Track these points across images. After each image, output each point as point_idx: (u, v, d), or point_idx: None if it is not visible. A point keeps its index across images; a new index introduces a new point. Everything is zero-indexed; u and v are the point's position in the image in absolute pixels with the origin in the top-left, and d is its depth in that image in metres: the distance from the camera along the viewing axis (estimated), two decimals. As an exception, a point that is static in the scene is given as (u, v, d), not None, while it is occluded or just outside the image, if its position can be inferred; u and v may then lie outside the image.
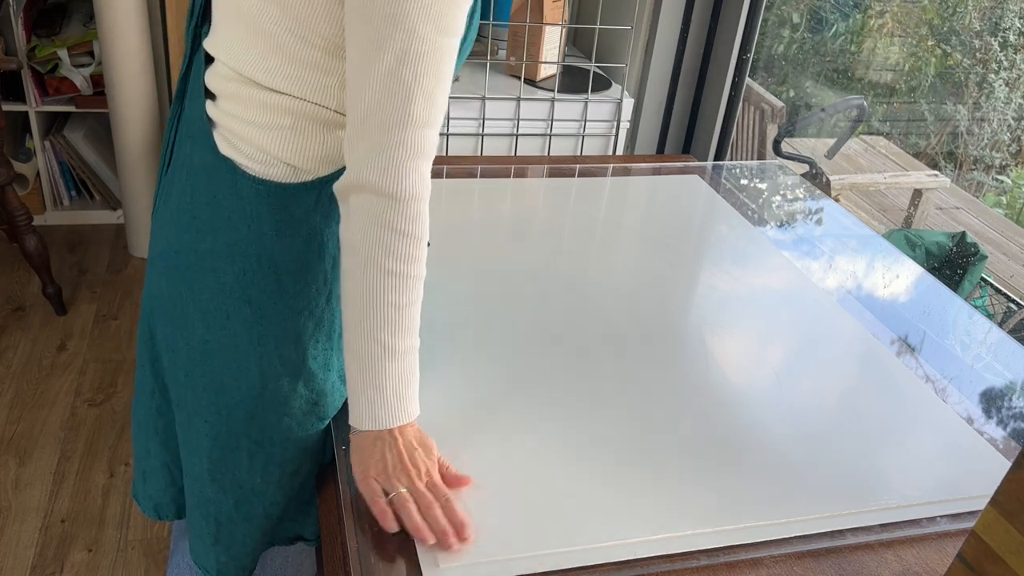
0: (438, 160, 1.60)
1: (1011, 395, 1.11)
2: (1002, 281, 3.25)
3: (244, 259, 0.84)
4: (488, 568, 0.77)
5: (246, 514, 0.97)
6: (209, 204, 0.84)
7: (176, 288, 0.88)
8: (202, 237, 0.85)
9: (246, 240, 0.84)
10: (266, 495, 0.96)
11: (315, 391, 0.91)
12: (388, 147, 0.74)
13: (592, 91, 1.75)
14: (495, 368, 1.02)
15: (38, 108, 2.60)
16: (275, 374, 0.88)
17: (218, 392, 0.90)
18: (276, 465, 0.94)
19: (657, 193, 1.55)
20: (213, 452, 0.93)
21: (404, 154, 0.74)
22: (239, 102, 0.82)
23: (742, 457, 0.93)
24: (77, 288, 2.54)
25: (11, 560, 1.68)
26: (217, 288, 0.86)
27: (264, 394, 0.89)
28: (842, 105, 3.14)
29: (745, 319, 1.19)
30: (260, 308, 0.86)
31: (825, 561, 0.82)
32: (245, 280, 0.85)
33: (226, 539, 0.98)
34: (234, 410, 0.90)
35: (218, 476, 0.94)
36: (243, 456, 0.93)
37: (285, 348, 0.87)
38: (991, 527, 0.63)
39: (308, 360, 0.89)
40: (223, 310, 0.86)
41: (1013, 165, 4.64)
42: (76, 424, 2.03)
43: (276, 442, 0.92)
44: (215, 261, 0.85)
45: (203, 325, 0.87)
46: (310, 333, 0.88)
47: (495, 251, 1.29)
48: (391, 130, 0.74)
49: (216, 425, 0.91)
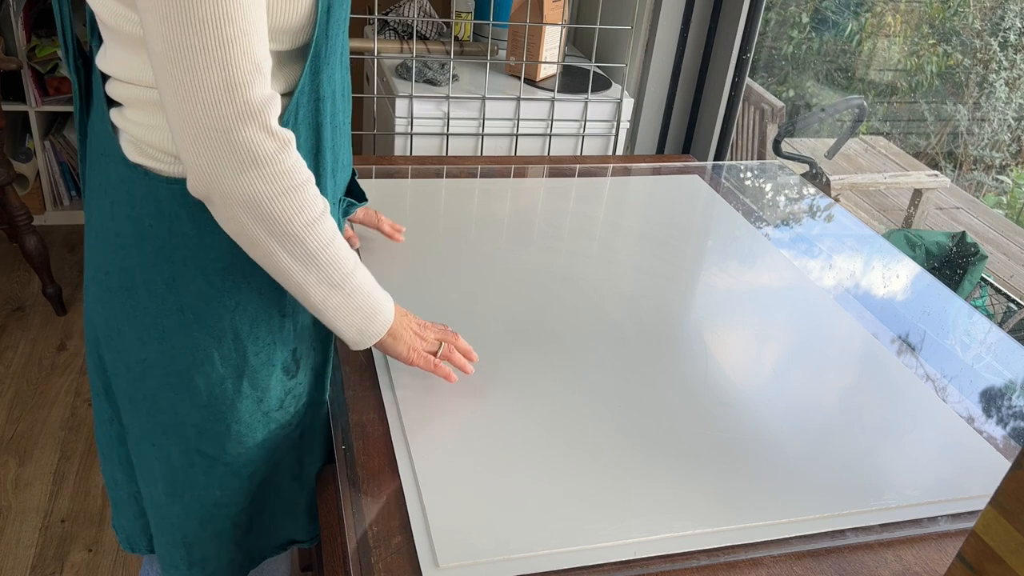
0: (438, 160, 1.61)
1: (1011, 395, 1.11)
2: (1002, 281, 3.25)
3: (171, 265, 0.83)
4: (488, 568, 0.77)
5: (214, 530, 0.96)
6: (129, 217, 0.83)
7: (112, 311, 0.87)
8: (127, 253, 0.84)
9: (169, 245, 0.83)
10: (231, 507, 0.95)
11: (259, 388, 0.90)
12: (206, 137, 0.71)
13: (592, 91, 1.75)
14: (494, 367, 1.02)
15: (38, 108, 2.60)
16: (218, 378, 0.87)
17: (161, 412, 0.89)
18: (233, 475, 0.93)
19: (657, 193, 1.55)
20: (167, 474, 0.92)
21: (224, 139, 0.71)
22: (139, 108, 0.81)
23: (742, 457, 0.93)
24: (77, 288, 2.54)
25: (11, 560, 1.68)
26: (149, 302, 0.85)
27: (210, 402, 0.88)
28: (842, 105, 3.14)
29: (745, 319, 1.19)
30: (194, 313, 0.85)
31: (825, 561, 0.82)
32: (175, 287, 0.84)
33: (199, 560, 0.98)
34: (180, 428, 0.89)
35: (177, 497, 0.93)
36: (198, 473, 0.92)
37: (224, 348, 0.87)
38: (991, 527, 0.63)
39: (250, 357, 0.88)
40: (158, 325, 0.85)
41: (1013, 165, 4.64)
42: (76, 424, 2.03)
43: (229, 451, 0.91)
44: (144, 274, 0.84)
45: (139, 344, 0.87)
46: (247, 329, 0.87)
47: (495, 251, 1.29)
48: (201, 117, 0.70)
49: (165, 447, 0.91)
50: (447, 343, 0.96)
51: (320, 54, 0.80)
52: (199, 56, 0.68)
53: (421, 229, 1.33)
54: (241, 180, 0.73)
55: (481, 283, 1.20)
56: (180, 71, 0.69)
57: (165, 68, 0.69)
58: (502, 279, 1.21)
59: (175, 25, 0.67)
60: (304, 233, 0.78)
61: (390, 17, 1.87)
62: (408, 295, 1.15)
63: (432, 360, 0.95)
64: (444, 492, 0.84)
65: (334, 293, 0.83)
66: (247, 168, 0.72)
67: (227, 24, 0.68)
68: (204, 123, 0.70)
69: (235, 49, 0.69)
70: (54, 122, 2.79)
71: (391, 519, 0.82)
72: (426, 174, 1.54)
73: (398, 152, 1.70)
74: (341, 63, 0.86)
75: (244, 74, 0.70)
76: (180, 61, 0.68)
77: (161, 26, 0.67)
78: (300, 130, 0.83)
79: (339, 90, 0.87)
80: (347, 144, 0.94)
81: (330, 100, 0.84)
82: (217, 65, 0.68)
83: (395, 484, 0.86)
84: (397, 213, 1.36)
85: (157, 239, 0.83)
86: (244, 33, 0.69)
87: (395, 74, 1.74)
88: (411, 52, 1.80)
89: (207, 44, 0.68)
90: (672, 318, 1.17)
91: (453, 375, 0.96)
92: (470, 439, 0.91)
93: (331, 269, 0.81)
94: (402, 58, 1.79)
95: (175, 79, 0.69)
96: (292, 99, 0.81)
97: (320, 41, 0.79)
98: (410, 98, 1.64)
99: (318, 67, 0.81)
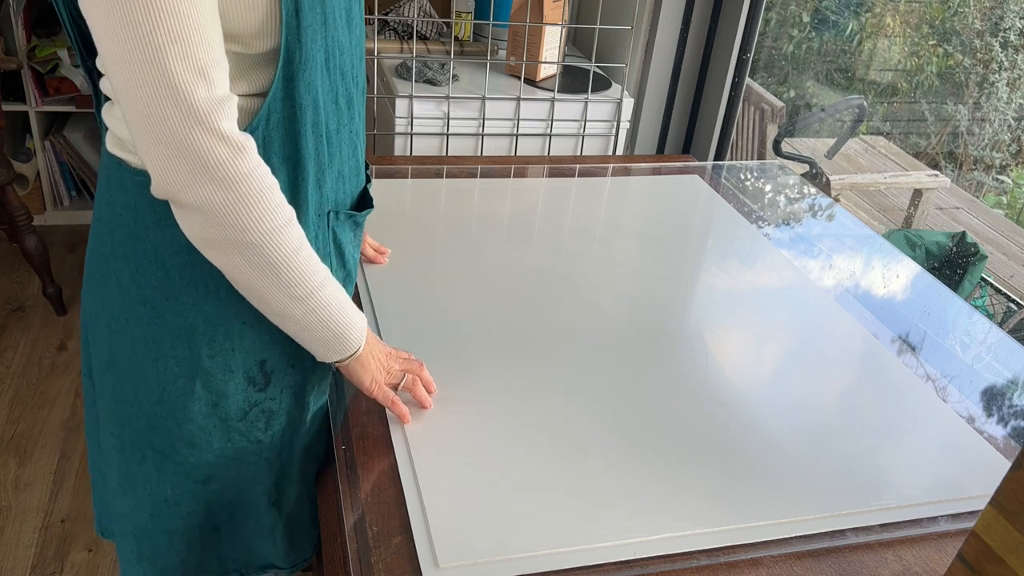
0: (438, 160, 1.61)
1: (1011, 394, 1.11)
2: (1002, 281, 3.25)
3: (136, 256, 0.84)
4: (488, 568, 0.77)
5: (164, 527, 0.95)
6: (107, 203, 0.84)
7: (91, 296, 0.89)
8: (103, 239, 0.85)
9: (135, 236, 0.83)
10: (181, 506, 0.94)
11: (214, 392, 0.89)
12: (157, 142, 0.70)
13: (592, 91, 1.75)
14: (494, 367, 1.02)
15: (38, 108, 2.60)
16: (171, 375, 0.87)
17: (120, 401, 0.89)
18: (184, 475, 0.92)
19: (657, 193, 1.55)
20: (121, 465, 0.92)
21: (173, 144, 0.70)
22: None
23: (742, 457, 0.93)
24: (77, 288, 2.54)
25: (11, 560, 1.68)
26: (118, 291, 0.85)
27: (163, 398, 0.88)
28: (842, 105, 3.14)
29: (745, 319, 1.19)
30: (155, 307, 0.85)
31: (825, 561, 0.82)
32: (139, 279, 0.84)
33: (149, 554, 0.97)
34: (135, 420, 0.89)
35: (130, 489, 0.93)
36: (150, 468, 0.91)
37: (179, 347, 0.86)
38: (991, 527, 0.63)
39: (203, 359, 0.87)
40: (124, 314, 0.86)
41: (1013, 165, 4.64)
42: (76, 424, 2.03)
43: (179, 450, 0.90)
44: (114, 263, 0.85)
45: (108, 332, 0.87)
46: (201, 330, 0.86)
47: (495, 251, 1.29)
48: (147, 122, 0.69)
49: (121, 436, 0.91)
50: (411, 374, 0.94)
51: (293, 60, 0.78)
52: (138, 62, 0.67)
53: (421, 229, 1.33)
54: (195, 186, 0.72)
55: (481, 283, 1.20)
56: (124, 77, 0.68)
57: (113, 74, 0.69)
58: (502, 279, 1.21)
59: (114, 32, 0.67)
60: (263, 242, 0.76)
61: (390, 17, 1.87)
62: (408, 295, 1.15)
63: (391, 396, 0.93)
64: (444, 492, 0.84)
65: (296, 306, 0.81)
66: (198, 173, 0.72)
67: (160, 28, 0.67)
68: (153, 129, 0.70)
69: (170, 53, 0.68)
70: (54, 122, 2.79)
71: (391, 519, 0.82)
72: (426, 174, 1.54)
73: (398, 152, 1.70)
74: (328, 70, 0.83)
75: (184, 78, 0.69)
76: (122, 67, 0.68)
77: (104, 33, 0.67)
78: (274, 136, 0.81)
79: (326, 97, 0.84)
80: (347, 153, 0.91)
81: (311, 108, 0.82)
82: (156, 70, 0.68)
83: (395, 484, 0.86)
84: (397, 213, 1.36)
85: (125, 229, 0.83)
86: (180, 36, 0.68)
87: (395, 74, 1.74)
88: (411, 52, 1.80)
89: (144, 49, 0.67)
90: (672, 318, 1.17)
91: (408, 417, 0.93)
92: (470, 439, 0.91)
93: (294, 281, 0.79)
94: (402, 58, 1.79)
95: (121, 85, 0.69)
96: (264, 104, 0.79)
97: (292, 47, 0.77)
98: (410, 98, 1.64)
99: (292, 73, 0.79)
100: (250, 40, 0.76)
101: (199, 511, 0.96)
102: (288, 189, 0.84)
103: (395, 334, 1.06)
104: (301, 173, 0.84)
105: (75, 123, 2.77)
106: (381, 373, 0.92)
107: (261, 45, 0.77)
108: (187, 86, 0.69)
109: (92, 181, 2.84)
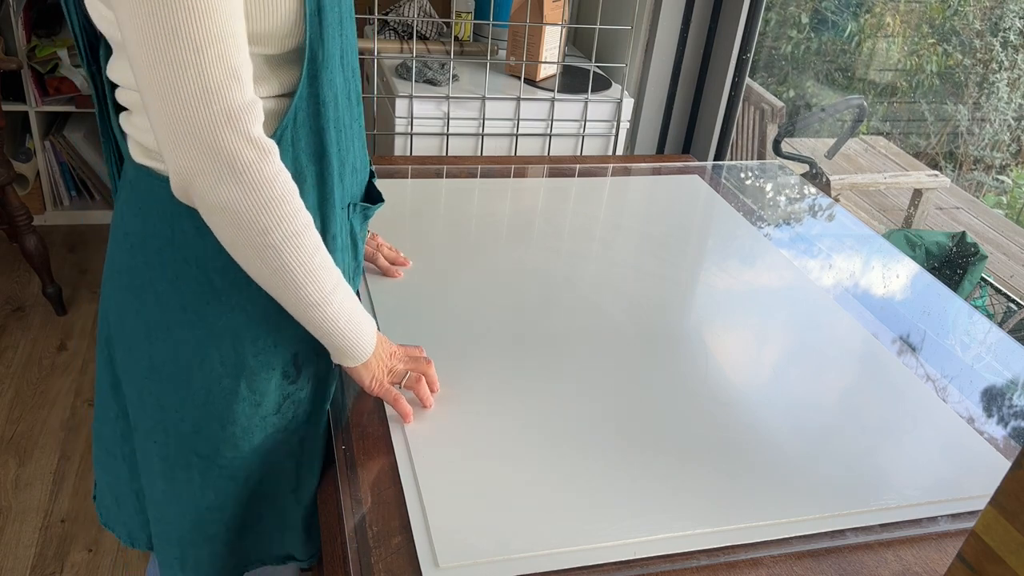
0: (438, 160, 1.61)
1: (1011, 395, 1.11)
2: (1002, 281, 3.25)
3: (174, 264, 0.84)
4: (488, 568, 0.77)
5: (207, 534, 0.96)
6: (136, 216, 0.85)
7: (123, 309, 0.88)
8: (135, 252, 0.85)
9: (172, 244, 0.83)
10: (223, 511, 0.95)
11: (257, 391, 0.90)
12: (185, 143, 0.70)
13: (592, 91, 1.75)
14: (494, 367, 1.02)
15: (38, 108, 2.60)
16: (216, 376, 0.88)
17: (163, 409, 0.89)
18: (228, 479, 0.93)
19: (657, 193, 1.55)
20: (166, 472, 0.93)
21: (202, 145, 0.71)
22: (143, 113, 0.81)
23: (742, 457, 0.93)
24: (77, 288, 2.54)
25: (11, 560, 1.68)
26: (155, 300, 0.86)
27: (208, 400, 0.88)
28: (842, 105, 3.14)
29: (745, 319, 1.19)
30: (196, 311, 0.85)
31: (825, 561, 0.82)
32: (178, 285, 0.85)
33: (192, 562, 0.98)
34: (180, 425, 0.90)
35: (173, 497, 0.94)
36: (195, 474, 0.92)
37: (224, 348, 0.87)
38: (991, 527, 0.63)
39: (248, 358, 0.88)
40: (164, 322, 0.86)
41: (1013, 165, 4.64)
42: (76, 424, 2.03)
43: (223, 453, 0.91)
44: (150, 272, 0.85)
45: (147, 340, 0.87)
46: (246, 329, 0.87)
47: (495, 251, 1.29)
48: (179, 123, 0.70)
49: (165, 444, 0.91)
50: (415, 372, 0.95)
51: (316, 58, 0.80)
52: (173, 62, 0.68)
53: (421, 229, 1.33)
54: (219, 188, 0.73)
55: (481, 283, 1.20)
56: (157, 77, 0.68)
57: (143, 74, 0.69)
58: (502, 279, 1.21)
59: (149, 31, 0.67)
60: (283, 245, 0.77)
61: (390, 17, 1.87)
62: (408, 295, 1.15)
63: (392, 394, 0.93)
64: (444, 492, 0.84)
65: (311, 310, 0.83)
66: (225, 175, 0.72)
67: (199, 29, 0.67)
68: (182, 129, 0.70)
69: (209, 54, 0.68)
70: (54, 122, 2.79)
71: (391, 519, 0.82)
72: (426, 174, 1.54)
73: (398, 152, 1.70)
74: (343, 66, 0.85)
75: (220, 79, 0.69)
76: (156, 67, 0.68)
77: (137, 33, 0.67)
78: (300, 134, 0.82)
79: (342, 93, 0.86)
80: (358, 147, 0.93)
81: (332, 104, 0.84)
82: (192, 70, 0.68)
83: (395, 484, 0.86)
84: (397, 213, 1.36)
85: (160, 238, 0.84)
86: (218, 39, 0.68)
87: (395, 74, 1.74)
88: (411, 52, 1.80)
89: (181, 50, 0.67)
90: (672, 318, 1.17)
91: (411, 416, 0.93)
92: (470, 439, 0.91)
93: (309, 286, 0.81)
94: (402, 58, 1.79)
95: (153, 85, 0.69)
96: (291, 104, 0.80)
97: (315, 45, 0.79)
98: (410, 98, 1.64)
99: (316, 71, 0.80)
100: (276, 40, 0.77)
101: (239, 512, 0.97)
102: (316, 186, 0.86)
103: (395, 334, 1.06)
104: (327, 169, 0.86)
105: (75, 123, 2.77)
106: (383, 372, 0.93)
107: (286, 44, 0.78)
108: (223, 87, 0.70)
109: (92, 181, 2.85)
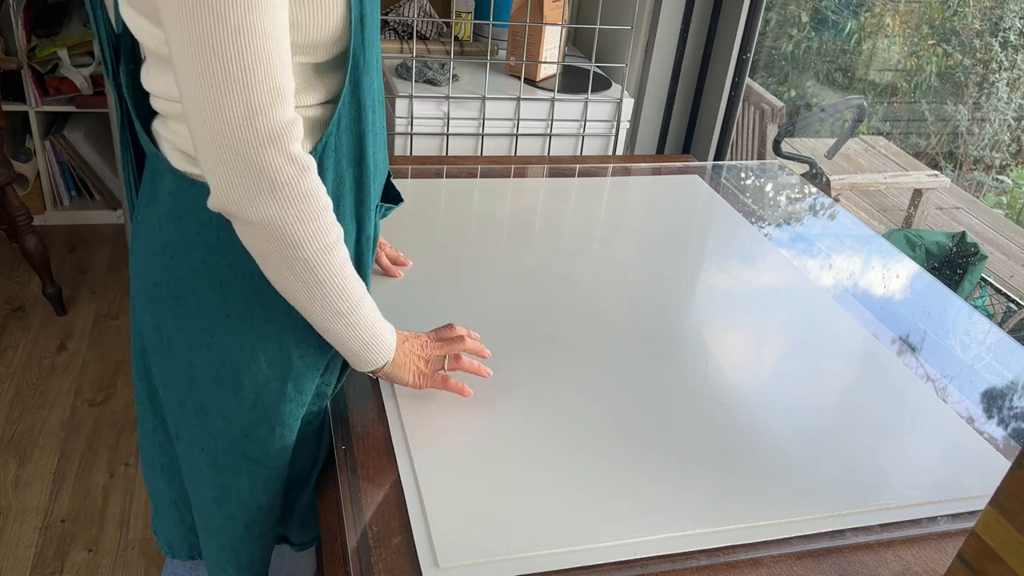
0: (438, 160, 1.61)
1: (1011, 395, 1.11)
2: (1002, 281, 3.25)
3: (220, 270, 0.84)
4: (488, 568, 0.77)
5: (258, 534, 0.98)
6: (177, 227, 0.85)
7: (162, 320, 0.88)
8: (177, 263, 0.85)
9: (217, 251, 0.84)
10: (273, 510, 0.97)
11: (303, 391, 0.91)
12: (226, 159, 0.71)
13: (592, 91, 1.75)
14: (494, 367, 1.02)
15: (38, 108, 2.61)
16: (264, 379, 0.88)
17: (209, 416, 0.90)
18: (276, 479, 0.95)
19: (657, 193, 1.55)
20: (215, 479, 0.93)
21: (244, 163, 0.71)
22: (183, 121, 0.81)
23: (742, 457, 0.93)
24: (77, 288, 2.54)
25: (11, 560, 1.68)
26: (198, 308, 0.86)
27: (257, 404, 0.89)
28: (842, 105, 3.14)
29: (745, 319, 1.19)
30: (241, 317, 0.86)
31: (825, 561, 0.82)
32: (223, 291, 0.85)
33: (247, 562, 1.00)
34: (228, 430, 0.90)
35: (224, 503, 0.95)
36: (244, 478, 0.93)
37: (271, 350, 0.87)
38: (991, 527, 0.63)
39: (294, 359, 0.89)
40: (207, 329, 0.86)
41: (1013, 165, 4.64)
42: (76, 424, 2.03)
43: (273, 455, 0.92)
44: (193, 281, 0.85)
45: (189, 348, 0.87)
46: (291, 332, 0.88)
47: (495, 251, 1.29)
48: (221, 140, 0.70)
49: (213, 451, 0.92)
50: (451, 354, 0.96)
51: (359, 64, 0.81)
52: (220, 80, 0.68)
53: (421, 229, 1.33)
54: (259, 203, 0.73)
55: (481, 283, 1.20)
56: (202, 94, 0.69)
57: (188, 89, 0.70)
58: (502, 279, 1.21)
59: (197, 48, 0.67)
60: (315, 259, 0.78)
61: (390, 17, 1.87)
62: (408, 295, 1.15)
63: (439, 378, 0.95)
64: (444, 492, 0.84)
65: (336, 320, 0.84)
66: (264, 191, 0.73)
67: (249, 49, 0.68)
68: (224, 145, 0.71)
69: (256, 74, 0.69)
70: (54, 122, 2.79)
71: (391, 519, 0.82)
72: (426, 174, 1.54)
73: (398, 152, 1.70)
74: (376, 70, 0.87)
75: (265, 99, 0.70)
76: (202, 84, 0.69)
77: (184, 49, 0.68)
78: (343, 139, 0.84)
79: (377, 97, 0.87)
80: (382, 146, 0.95)
81: (371, 108, 0.85)
82: (239, 88, 0.69)
83: (395, 484, 0.86)
84: (397, 213, 1.36)
85: (204, 246, 0.84)
86: (266, 59, 0.69)
87: (395, 74, 1.74)
88: (411, 52, 1.80)
89: (228, 68, 0.68)
90: (672, 318, 1.17)
91: (467, 389, 0.96)
92: (470, 439, 0.91)
93: (337, 298, 0.82)
94: (402, 58, 1.79)
95: (197, 101, 0.70)
96: (335, 111, 0.81)
97: (358, 51, 0.80)
98: (410, 98, 1.64)
99: (358, 77, 0.81)
100: (324, 48, 0.78)
101: (280, 511, 0.99)
102: (354, 189, 0.87)
103: (395, 334, 1.06)
104: (365, 171, 0.87)
105: (75, 123, 2.77)
106: (422, 364, 0.95)
107: (333, 51, 0.80)
108: (267, 107, 0.71)
109: (92, 181, 2.85)
